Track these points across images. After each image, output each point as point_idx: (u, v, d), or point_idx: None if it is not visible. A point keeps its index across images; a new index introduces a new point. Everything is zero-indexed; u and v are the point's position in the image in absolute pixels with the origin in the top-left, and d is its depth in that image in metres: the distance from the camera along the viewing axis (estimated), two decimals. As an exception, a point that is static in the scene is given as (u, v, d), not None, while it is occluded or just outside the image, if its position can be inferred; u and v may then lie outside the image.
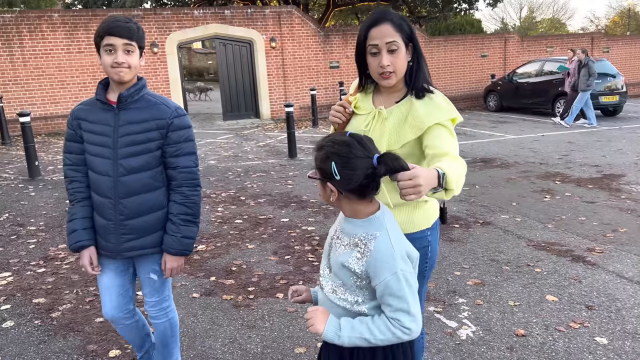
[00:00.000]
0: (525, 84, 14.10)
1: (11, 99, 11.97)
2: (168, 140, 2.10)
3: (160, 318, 2.35)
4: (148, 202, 2.12)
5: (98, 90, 2.10)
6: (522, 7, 43.42)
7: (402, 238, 1.56)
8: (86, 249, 2.15)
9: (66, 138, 2.16)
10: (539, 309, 3.32)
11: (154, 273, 2.26)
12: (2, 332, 3.19)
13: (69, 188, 2.16)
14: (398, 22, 1.78)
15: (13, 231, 5.14)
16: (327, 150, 1.48)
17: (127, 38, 1.97)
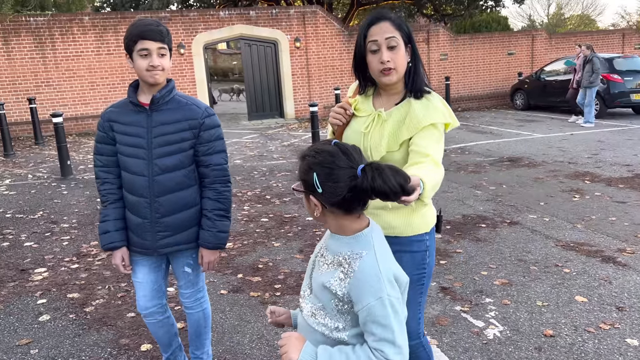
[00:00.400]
0: (553, 82, 13.84)
1: (44, 100, 12.31)
2: (200, 139, 2.16)
3: (194, 308, 2.43)
4: (182, 200, 2.18)
5: (129, 93, 2.15)
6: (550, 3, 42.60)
7: (391, 259, 1.43)
8: (118, 249, 2.21)
9: (97, 140, 2.21)
10: (568, 310, 3.29)
11: (189, 267, 2.34)
12: (39, 325, 3.30)
13: (101, 189, 2.21)
14: (397, 22, 1.79)
15: (47, 228, 5.30)
16: (309, 161, 1.37)
17: (160, 41, 2.03)
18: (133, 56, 2.06)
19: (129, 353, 2.96)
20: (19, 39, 11.97)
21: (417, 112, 1.78)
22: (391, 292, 1.34)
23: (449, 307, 3.38)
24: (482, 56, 16.45)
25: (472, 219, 5.18)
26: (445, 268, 4.00)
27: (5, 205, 6.25)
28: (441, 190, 6.32)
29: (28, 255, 4.56)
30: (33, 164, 8.84)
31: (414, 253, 1.88)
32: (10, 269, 4.24)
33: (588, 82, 11.06)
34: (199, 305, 2.45)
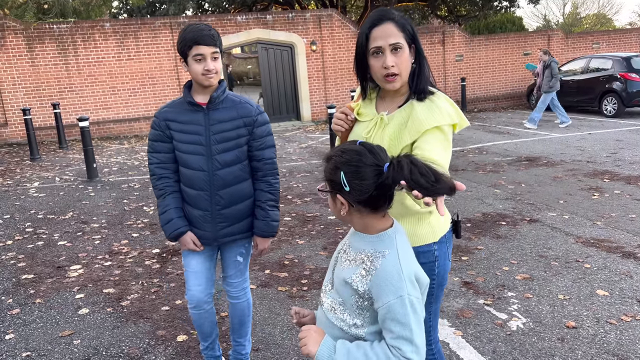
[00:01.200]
0: (570, 82, 13.81)
1: (66, 105, 12.61)
2: (254, 135, 2.32)
3: (241, 298, 2.56)
4: (239, 192, 2.34)
5: (185, 93, 2.28)
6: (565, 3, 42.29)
7: (413, 260, 1.45)
8: (185, 234, 2.34)
9: (152, 139, 2.32)
10: (590, 303, 3.36)
11: (241, 255, 2.49)
12: (79, 318, 3.47)
13: (158, 184, 2.33)
14: (401, 22, 1.72)
15: (78, 228, 5.49)
16: (335, 160, 1.40)
17: (213, 45, 2.15)
18: (188, 61, 2.18)
19: (166, 343, 3.10)
20: (42, 45, 12.29)
21: (419, 115, 1.71)
22: (411, 292, 1.35)
23: (472, 300, 3.48)
24: (497, 57, 16.45)
25: (492, 217, 5.26)
26: (467, 264, 4.09)
27: (37, 206, 6.47)
28: (460, 189, 6.40)
29: (63, 253, 4.74)
30: (59, 167, 9.10)
31: (421, 265, 1.77)
32: (47, 266, 4.42)
33: (548, 87, 11.09)
34: (245, 295, 2.57)
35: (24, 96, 12.29)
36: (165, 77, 13.32)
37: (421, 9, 26.53)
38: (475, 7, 23.51)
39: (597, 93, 12.96)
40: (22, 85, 12.26)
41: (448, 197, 1.72)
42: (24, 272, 4.31)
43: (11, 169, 9.17)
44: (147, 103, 13.29)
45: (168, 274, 4.14)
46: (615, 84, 12.47)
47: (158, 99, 13.35)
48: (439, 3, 23.69)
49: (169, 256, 4.54)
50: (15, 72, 12.16)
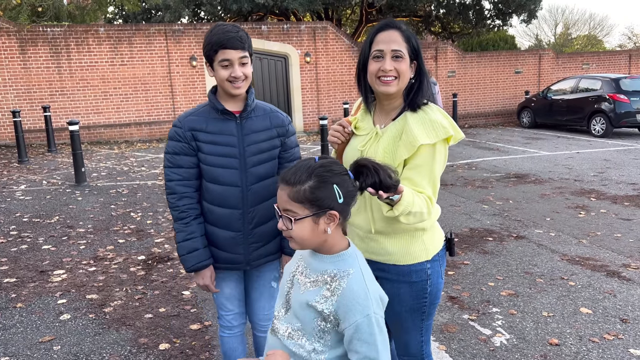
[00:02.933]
0: (560, 101, 13.99)
1: (57, 108, 12.54)
2: (285, 146, 2.14)
3: None
4: (272, 208, 2.10)
5: (213, 100, 2.03)
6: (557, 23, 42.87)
7: (374, 279, 1.45)
8: (207, 268, 2.10)
9: (173, 152, 2.02)
10: (573, 321, 3.38)
11: (275, 281, 2.27)
12: (60, 324, 3.42)
13: (179, 205, 2.03)
14: (407, 34, 1.72)
15: (64, 232, 5.44)
16: (322, 176, 1.36)
17: (242, 49, 1.92)
18: (214, 66, 1.96)
19: (148, 351, 3.07)
20: (35, 48, 12.24)
21: (413, 129, 1.69)
22: (377, 310, 1.34)
23: (457, 315, 3.48)
24: (489, 74, 16.64)
25: (479, 232, 5.28)
26: (454, 278, 4.10)
27: (22, 209, 6.40)
28: (448, 204, 6.44)
29: (47, 257, 4.69)
30: (47, 171, 9.02)
31: (413, 283, 1.81)
32: (30, 270, 4.37)
33: None
34: None
35: (15, 98, 12.21)
36: (158, 84, 13.31)
37: (415, 25, 26.79)
38: (469, 24, 23.79)
39: (586, 113, 13.14)
40: (12, 87, 12.18)
41: None
42: (6, 276, 4.25)
43: (-2, 171, 9.08)
44: (139, 109, 13.25)
45: (152, 282, 4.10)
46: (604, 104, 12.65)
47: (150, 105, 13.33)
48: (432, 19, 23.93)
49: (155, 263, 4.50)
50: (7, 74, 12.09)
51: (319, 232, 1.39)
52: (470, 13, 22.06)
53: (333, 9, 23.24)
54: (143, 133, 13.34)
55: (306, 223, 1.38)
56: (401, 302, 1.84)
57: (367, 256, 1.86)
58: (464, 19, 23.22)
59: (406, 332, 1.90)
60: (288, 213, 1.38)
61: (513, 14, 21.52)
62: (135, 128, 13.26)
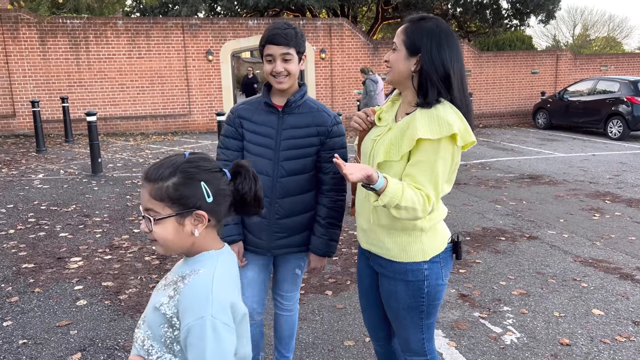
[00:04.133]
0: (576, 102, 13.86)
1: (75, 99, 12.71)
2: (325, 146, 2.17)
3: (293, 310, 2.47)
4: (301, 204, 2.19)
5: (264, 93, 2.15)
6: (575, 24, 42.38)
7: (232, 287, 1.28)
8: (236, 243, 2.20)
9: (225, 134, 2.19)
10: (585, 322, 3.37)
11: (299, 268, 2.36)
12: (77, 309, 3.49)
13: None
14: (408, 28, 1.76)
15: (80, 221, 5.53)
16: (187, 172, 1.24)
17: (285, 45, 2.00)
18: (263, 60, 2.07)
19: (162, 339, 3.12)
20: (55, 39, 12.40)
21: (417, 122, 1.68)
22: (218, 315, 1.18)
23: (467, 312, 3.49)
24: (505, 74, 16.52)
25: (491, 232, 5.27)
26: (465, 277, 4.11)
27: (40, 197, 6.51)
28: (461, 202, 6.43)
29: (64, 245, 4.78)
30: (64, 161, 9.15)
31: (409, 282, 1.82)
32: (47, 257, 4.46)
33: (364, 105, 10.94)
34: (296, 307, 2.48)
35: (34, 88, 12.39)
36: (174, 77, 13.41)
37: (432, 23, 26.64)
38: (486, 23, 23.62)
39: (603, 115, 13.01)
40: (32, 77, 12.36)
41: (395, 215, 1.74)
42: (24, 262, 4.34)
43: (17, 159, 9.23)
44: (155, 102, 13.38)
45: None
46: (622, 106, 12.51)
47: (166, 98, 13.44)
48: (449, 18, 23.80)
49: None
50: (27, 64, 12.27)
51: (185, 234, 1.25)
52: (487, 12, 21.91)
53: (349, 6, 23.21)
54: (158, 126, 13.46)
55: (169, 224, 1.23)
56: (398, 300, 1.86)
57: (369, 248, 1.90)
58: (481, 18, 23.07)
59: (405, 329, 1.92)
60: (149, 213, 1.23)
61: (531, 13, 21.34)
62: (151, 120, 13.39)
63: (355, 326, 3.30)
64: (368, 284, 2.05)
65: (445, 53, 1.71)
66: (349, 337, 3.17)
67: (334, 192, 2.22)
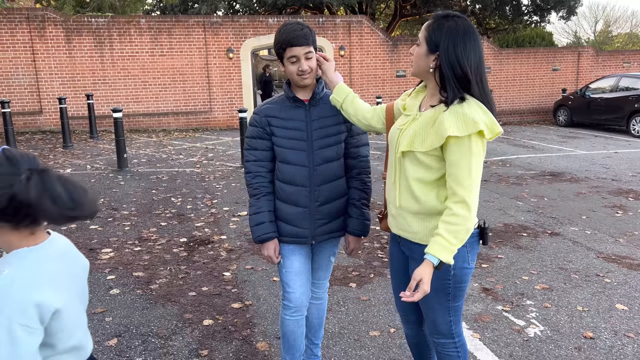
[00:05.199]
0: (598, 100, 13.70)
1: (99, 97, 12.96)
2: (351, 132, 2.32)
3: (323, 298, 2.57)
4: (337, 189, 2.31)
5: (287, 90, 2.26)
6: (597, 20, 41.69)
7: (43, 284, 1.23)
8: (271, 240, 2.29)
9: (251, 136, 2.27)
10: (608, 316, 3.40)
11: (333, 256, 2.49)
12: (110, 298, 3.63)
13: (253, 182, 2.27)
14: (431, 25, 1.83)
15: (109, 214, 5.69)
16: None
17: (306, 45, 2.14)
18: (284, 62, 2.18)
19: (193, 326, 3.24)
20: (80, 38, 12.66)
21: (445, 119, 1.76)
22: (15, 317, 1.14)
23: (490, 306, 3.55)
24: (525, 71, 16.39)
25: (513, 228, 5.30)
26: (487, 271, 4.16)
27: (69, 191, 6.69)
28: (482, 199, 6.45)
29: (94, 236, 4.93)
30: (90, 156, 9.37)
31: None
32: (80, 248, 4.61)
33: None
34: (326, 295, 2.58)
35: (60, 85, 12.67)
36: (195, 75, 13.59)
37: (451, 20, 26.48)
38: (505, 20, 23.42)
39: (626, 112, 12.85)
40: (58, 75, 12.64)
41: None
42: (58, 252, 4.49)
43: (45, 155, 9.47)
44: (177, 99, 13.57)
45: (195, 262, 4.28)
46: (645, 104, 12.34)
47: (187, 95, 13.63)
48: (468, 14, 23.64)
49: (196, 245, 4.69)
50: (53, 62, 12.54)
51: None
52: (507, 8, 21.71)
53: (367, 3, 23.19)
54: (180, 123, 13.66)
55: None
56: None
57: (399, 232, 2.00)
58: (500, 14, 22.88)
59: (433, 311, 2.00)
60: None
61: (552, 10, 21.09)
62: (173, 117, 13.59)
63: (380, 317, 3.38)
64: (399, 267, 2.14)
65: (462, 52, 1.78)
66: (374, 328, 3.25)
67: (364, 174, 2.37)
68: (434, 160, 1.83)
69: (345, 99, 2.19)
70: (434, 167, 1.83)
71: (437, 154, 1.81)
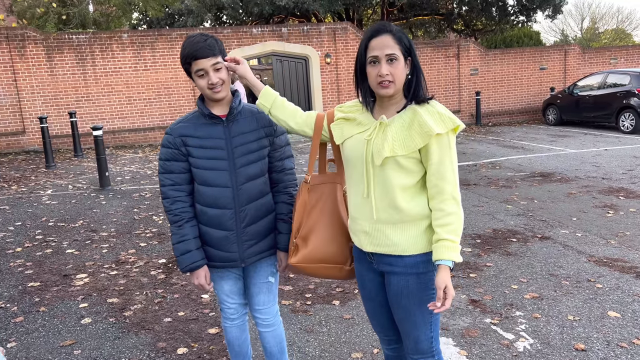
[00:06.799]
0: (586, 97, 13.65)
1: (83, 114, 12.79)
2: (274, 145, 2.21)
3: (275, 324, 2.39)
4: (264, 207, 2.20)
5: (201, 106, 2.12)
6: (583, 18, 41.87)
7: None
8: (201, 268, 2.18)
9: (165, 158, 2.12)
10: (600, 325, 3.26)
11: (272, 276, 2.33)
12: (81, 328, 3.46)
13: (173, 209, 2.13)
14: (398, 35, 1.79)
15: (87, 237, 5.52)
16: None
17: (213, 56, 2.00)
18: (193, 77, 2.06)
19: (167, 356, 3.07)
20: (61, 55, 12.50)
21: (425, 119, 1.76)
22: None
23: (478, 319, 3.40)
24: (513, 71, 16.35)
25: (502, 233, 5.17)
26: (475, 281, 4.01)
27: (48, 214, 6.53)
28: (471, 204, 6.32)
29: (70, 261, 4.76)
30: (73, 175, 9.19)
31: (421, 274, 1.84)
32: (53, 274, 4.44)
33: None
34: (277, 319, 2.40)
35: (42, 104, 12.49)
36: (180, 88, 13.46)
37: (437, 23, 26.53)
38: (492, 21, 23.43)
39: (615, 109, 12.79)
40: (40, 94, 12.47)
41: None
42: (30, 280, 4.33)
43: (26, 176, 9.29)
44: (163, 113, 13.42)
45: (172, 285, 4.12)
46: (633, 99, 12.30)
47: (173, 109, 13.48)
48: (455, 17, 23.65)
49: (175, 266, 4.53)
50: (35, 81, 12.38)
51: None
52: (493, 9, 21.73)
53: (354, 9, 23.18)
54: (166, 137, 13.49)
55: None
56: (409, 295, 1.87)
57: (374, 249, 1.89)
58: (487, 15, 22.89)
59: (416, 328, 1.91)
60: None
61: (537, 9, 21.11)
62: (159, 132, 13.43)
63: (363, 337, 3.23)
64: (372, 288, 2.02)
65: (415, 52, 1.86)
66: (356, 349, 3.09)
67: (290, 187, 2.28)
68: (413, 163, 1.80)
69: (273, 103, 2.07)
70: (415, 170, 1.81)
71: (415, 157, 1.80)
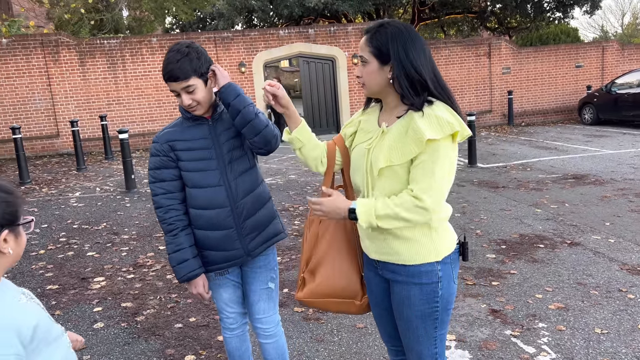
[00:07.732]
0: (625, 95, 13.09)
1: (114, 117, 13.04)
2: None
3: (277, 334, 2.33)
4: (260, 197, 2.18)
5: (184, 112, 2.09)
6: (624, 13, 40.40)
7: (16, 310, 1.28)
8: (199, 277, 2.13)
9: (155, 167, 2.09)
10: (630, 339, 3.05)
11: (272, 281, 2.28)
12: (93, 332, 3.46)
13: (166, 218, 2.08)
14: (370, 36, 1.72)
15: (109, 239, 5.57)
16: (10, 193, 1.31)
17: (183, 79, 1.94)
18: None
19: (173, 363, 3.03)
20: (93, 60, 12.79)
21: (419, 124, 1.66)
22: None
23: (498, 330, 3.24)
24: (547, 69, 15.84)
25: (529, 239, 4.95)
26: (497, 290, 3.84)
27: (74, 216, 6.64)
28: (498, 208, 6.10)
29: (89, 264, 4.81)
30: (102, 178, 9.36)
31: (423, 285, 1.77)
32: (72, 277, 4.48)
33: None
34: (279, 329, 2.34)
35: (75, 108, 12.80)
36: (208, 90, 13.55)
37: (470, 21, 26.03)
38: (527, 18, 22.81)
39: (656, 107, 12.22)
40: (73, 97, 12.78)
41: None
42: (49, 283, 4.38)
43: (58, 178, 9.51)
44: (191, 115, 13.55)
45: (186, 289, 4.09)
46: (676, 97, 11.71)
47: (201, 111, 13.59)
48: (488, 15, 23.12)
49: (191, 271, 4.50)
50: (68, 85, 12.69)
51: None
52: (528, 6, 21.14)
53: (384, 9, 22.94)
54: (195, 139, 13.63)
55: None
56: (412, 306, 1.79)
57: (378, 257, 1.84)
58: (521, 12, 22.30)
59: (418, 342, 1.83)
60: None
61: (574, 5, 20.44)
62: (187, 134, 13.57)
63: (375, 347, 3.11)
64: (379, 294, 1.95)
65: (413, 54, 1.70)
66: (367, 360, 2.98)
67: None
68: (407, 171, 1.73)
69: (308, 141, 1.95)
70: (406, 178, 1.74)
71: (408, 164, 1.73)
